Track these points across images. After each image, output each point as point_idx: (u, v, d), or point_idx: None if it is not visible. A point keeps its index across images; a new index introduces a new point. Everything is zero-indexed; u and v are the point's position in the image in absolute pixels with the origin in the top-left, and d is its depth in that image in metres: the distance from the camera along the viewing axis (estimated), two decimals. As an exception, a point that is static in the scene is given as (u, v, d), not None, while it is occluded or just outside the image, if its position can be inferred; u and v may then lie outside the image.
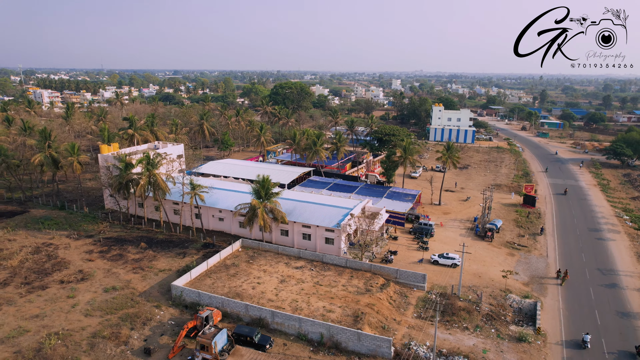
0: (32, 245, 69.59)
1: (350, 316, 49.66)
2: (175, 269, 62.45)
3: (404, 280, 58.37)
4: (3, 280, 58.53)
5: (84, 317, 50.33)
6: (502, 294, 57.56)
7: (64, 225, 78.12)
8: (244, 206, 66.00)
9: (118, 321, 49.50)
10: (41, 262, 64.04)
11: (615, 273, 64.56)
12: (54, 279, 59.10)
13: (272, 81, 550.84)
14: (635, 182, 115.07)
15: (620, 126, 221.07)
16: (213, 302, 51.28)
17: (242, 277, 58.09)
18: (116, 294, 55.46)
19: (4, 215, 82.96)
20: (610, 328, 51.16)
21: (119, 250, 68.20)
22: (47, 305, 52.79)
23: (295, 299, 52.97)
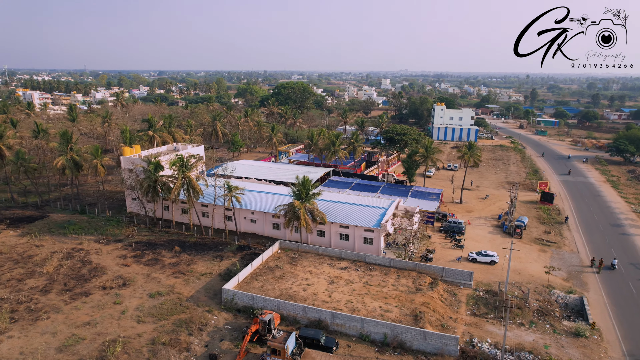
0: (62, 250, 67.83)
1: (409, 315, 49.80)
2: (216, 272, 61.65)
3: (450, 279, 58.81)
4: (43, 287, 56.90)
5: (136, 324, 49.29)
6: (545, 290, 58.50)
7: (89, 230, 76.36)
8: (283, 207, 65.52)
9: (173, 327, 48.63)
10: (76, 267, 62.47)
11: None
12: (95, 285, 57.71)
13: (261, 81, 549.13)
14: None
15: (612, 124, 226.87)
16: (268, 305, 50.80)
17: (289, 279, 57.69)
18: (163, 299, 54.47)
19: (24, 220, 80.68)
20: (657, 321, 52.51)
21: (153, 255, 66.97)
22: (95, 312, 51.53)
23: (349, 299, 52.86)
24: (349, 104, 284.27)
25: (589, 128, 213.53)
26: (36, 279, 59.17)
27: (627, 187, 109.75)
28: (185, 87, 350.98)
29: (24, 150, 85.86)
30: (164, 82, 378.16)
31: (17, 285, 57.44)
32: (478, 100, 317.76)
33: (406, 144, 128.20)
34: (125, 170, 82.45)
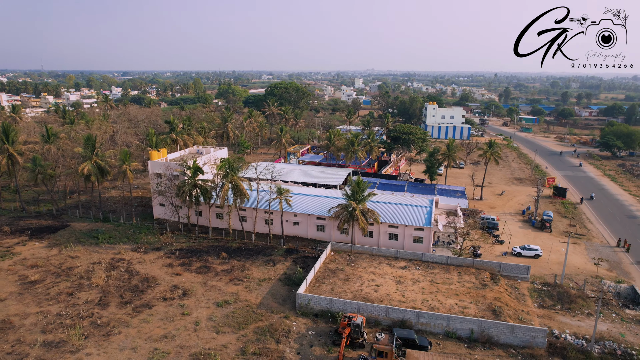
0: (102, 261, 64.65)
1: (487, 310, 50.95)
2: (275, 277, 60.61)
3: (507, 273, 60.53)
4: (98, 300, 54.08)
5: (216, 335, 47.79)
6: (596, 281, 61.31)
7: (121, 239, 73.10)
8: (335, 209, 65.23)
9: (256, 336, 47.51)
10: (125, 279, 59.72)
11: (674, 255, 70.69)
12: (153, 296, 55.40)
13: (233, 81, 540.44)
14: (635, 172, 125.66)
15: (585, 120, 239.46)
16: (347, 308, 50.53)
17: (356, 281, 57.59)
18: (232, 307, 53.04)
19: (45, 231, 76.22)
20: None
21: (200, 262, 64.97)
22: (166, 324, 49.51)
23: (424, 298, 53.43)
24: (330, 104, 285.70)
25: (565, 125, 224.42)
26: (87, 292, 56.15)
27: (625, 181, 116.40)
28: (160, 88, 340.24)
29: (40, 157, 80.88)
30: (137, 83, 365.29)
31: (70, 299, 54.33)
32: (454, 99, 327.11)
33: (413, 142, 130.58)
34: (153, 176, 79.50)
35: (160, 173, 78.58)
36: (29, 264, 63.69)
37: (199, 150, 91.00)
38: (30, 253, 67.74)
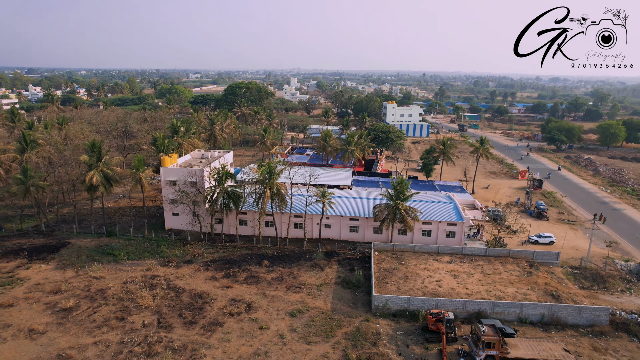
0: (134, 280, 59.14)
1: (546, 295, 55.16)
2: (331, 281, 59.89)
3: (539, 260, 65.72)
4: (158, 322, 49.60)
5: (308, 345, 46.41)
6: (609, 261, 68.85)
7: (142, 254, 67.27)
8: (379, 209, 66.01)
9: (349, 342, 46.92)
10: (172, 297, 55.31)
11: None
12: (215, 312, 52.05)
13: (163, 81, 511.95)
14: (581, 163, 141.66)
15: (517, 116, 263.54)
16: (426, 305, 51.73)
17: (416, 278, 58.93)
18: (307, 316, 51.70)
19: (44, 251, 67.61)
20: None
21: (244, 272, 62.08)
22: (250, 341, 46.96)
23: (486, 289, 56.30)
24: (278, 103, 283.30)
25: (501, 121, 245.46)
26: (138, 315, 51.24)
27: (579, 171, 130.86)
28: (85, 88, 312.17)
29: (30, 167, 71.16)
30: (59, 82, 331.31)
31: (123, 324, 49.23)
32: (397, 97, 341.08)
33: (392, 141, 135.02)
34: (165, 183, 74.01)
35: (174, 180, 73.42)
36: (49, 290, 56.38)
37: (204, 154, 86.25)
38: (42, 277, 59.89)
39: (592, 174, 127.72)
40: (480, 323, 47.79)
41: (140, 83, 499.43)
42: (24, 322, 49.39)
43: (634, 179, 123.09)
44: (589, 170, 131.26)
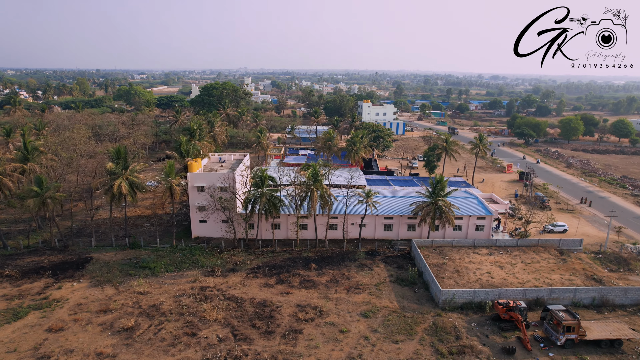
0: (184, 293, 56.38)
1: (590, 279, 59.41)
2: (386, 280, 60.56)
3: (565, 247, 70.40)
4: (234, 335, 47.75)
5: (396, 344, 46.80)
6: (618, 245, 75.14)
7: (180, 265, 64.11)
8: (421, 207, 67.58)
9: (433, 337, 47.92)
10: (232, 307, 53.34)
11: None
12: (287, 320, 50.93)
13: (110, 82, 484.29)
14: (552, 156, 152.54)
15: (476, 113, 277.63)
16: (489, 296, 53.87)
17: (467, 271, 61.00)
18: (380, 316, 52.05)
19: (67, 268, 62.52)
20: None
21: (297, 277, 61.08)
22: (338, 345, 46.54)
23: (534, 277, 59.55)
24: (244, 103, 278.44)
25: (463, 118, 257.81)
26: (209, 329, 49.02)
27: (554, 163, 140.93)
28: (43, 90, 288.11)
29: (43, 176, 65.00)
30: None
31: (197, 340, 46.94)
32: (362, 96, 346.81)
33: (382, 139, 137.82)
34: (193, 189, 70.90)
35: (203, 186, 70.53)
36: (97, 309, 52.40)
37: (220, 158, 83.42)
38: (81, 296, 55.46)
39: (565, 165, 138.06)
40: (547, 310, 50.73)
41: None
42: (86, 346, 45.63)
43: (601, 168, 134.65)
44: (561, 163, 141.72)
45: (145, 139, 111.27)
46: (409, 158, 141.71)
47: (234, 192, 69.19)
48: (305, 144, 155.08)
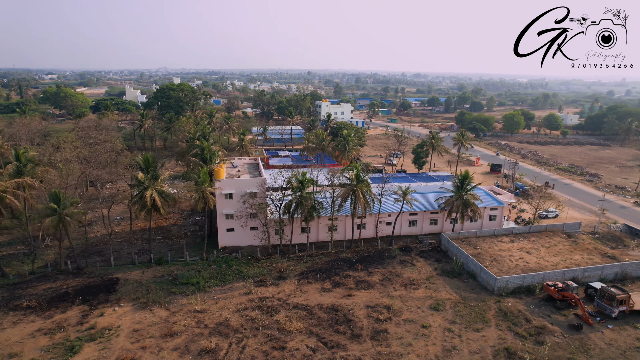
0: (246, 307, 54.00)
1: (606, 257, 66.88)
2: (433, 274, 62.92)
3: (568, 230, 78.24)
4: (323, 343, 46.93)
5: (478, 333, 49.12)
6: (604, 225, 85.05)
7: (223, 277, 61.00)
8: (451, 201, 70.93)
9: (507, 322, 51.07)
10: (306, 315, 52.28)
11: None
12: (367, 321, 51.02)
13: (9, 82, 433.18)
14: (505, 148, 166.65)
15: (417, 110, 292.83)
16: (536, 279, 58.53)
17: (504, 259, 65.34)
18: (448, 308, 54.15)
19: (97, 292, 56.45)
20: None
21: (349, 279, 61.03)
22: (428, 340, 47.75)
23: (561, 259, 65.59)
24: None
25: (407, 115, 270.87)
26: (293, 340, 47.58)
27: (511, 155, 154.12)
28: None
29: (61, 192, 57.56)
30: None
31: (291, 353, 45.49)
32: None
33: (359, 137, 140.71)
34: (221, 196, 67.61)
35: (231, 193, 67.56)
36: (161, 334, 48.42)
37: (233, 163, 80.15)
38: (132, 321, 50.75)
39: (521, 157, 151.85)
40: (590, 287, 56.58)
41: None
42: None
43: (550, 158, 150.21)
44: (517, 154, 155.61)
45: (122, 145, 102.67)
46: (382, 155, 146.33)
47: (270, 197, 67.20)
48: (278, 144, 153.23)
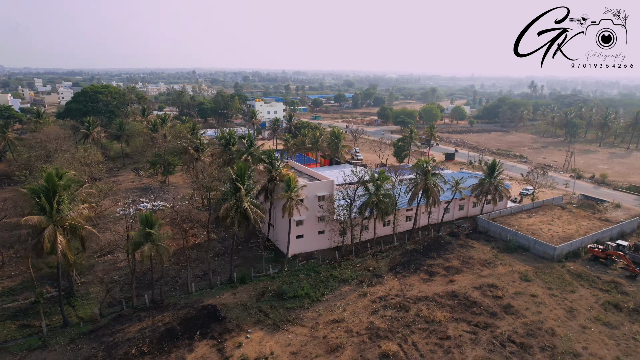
0: (374, 308, 54.41)
1: (602, 221, 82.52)
2: (495, 251, 70.41)
3: (557, 204, 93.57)
4: (484, 325, 50.50)
5: (574, 293, 57.72)
6: (567, 196, 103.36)
7: (327, 284, 59.69)
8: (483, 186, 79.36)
9: (585, 282, 60.81)
10: (438, 305, 54.98)
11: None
12: (506, 300, 55.94)
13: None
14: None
15: (327, 106, 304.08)
16: (577, 245, 70.34)
17: (537, 231, 76.09)
18: (533, 276, 61.81)
19: (202, 324, 50.52)
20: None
21: (437, 267, 64.97)
22: (561, 303, 54.59)
23: (575, 227, 78.88)
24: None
25: (320, 111, 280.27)
26: (453, 329, 50.17)
27: (447, 145, 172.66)
28: None
29: (150, 214, 48.90)
30: None
31: (461, 339, 48.08)
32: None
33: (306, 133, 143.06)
34: (315, 198, 65.65)
35: (302, 198, 65.71)
36: (325, 351, 46.76)
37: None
38: (279, 344, 47.71)
39: (455, 145, 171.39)
40: (620, 245, 70.01)
41: None
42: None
43: (476, 145, 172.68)
44: (451, 143, 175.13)
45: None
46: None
47: (343, 198, 67.06)
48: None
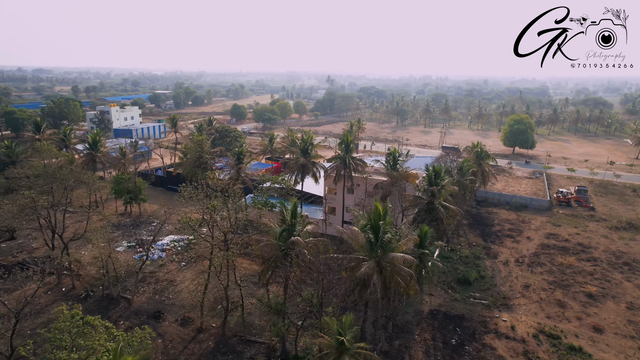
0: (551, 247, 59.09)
1: (533, 177, 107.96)
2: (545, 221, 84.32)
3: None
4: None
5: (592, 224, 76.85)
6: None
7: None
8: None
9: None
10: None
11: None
12: (598, 255, 68.09)
13: None
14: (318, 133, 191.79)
15: (155, 109, 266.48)
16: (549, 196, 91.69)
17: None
18: (568, 222, 78.67)
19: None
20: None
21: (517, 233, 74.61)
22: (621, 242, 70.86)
23: (525, 184, 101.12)
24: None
25: (156, 113, 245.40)
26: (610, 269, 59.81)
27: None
28: None
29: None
30: None
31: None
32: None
33: (235, 140, 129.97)
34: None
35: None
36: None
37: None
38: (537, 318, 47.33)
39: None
40: (559, 192, 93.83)
41: None
42: None
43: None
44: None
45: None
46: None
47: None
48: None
